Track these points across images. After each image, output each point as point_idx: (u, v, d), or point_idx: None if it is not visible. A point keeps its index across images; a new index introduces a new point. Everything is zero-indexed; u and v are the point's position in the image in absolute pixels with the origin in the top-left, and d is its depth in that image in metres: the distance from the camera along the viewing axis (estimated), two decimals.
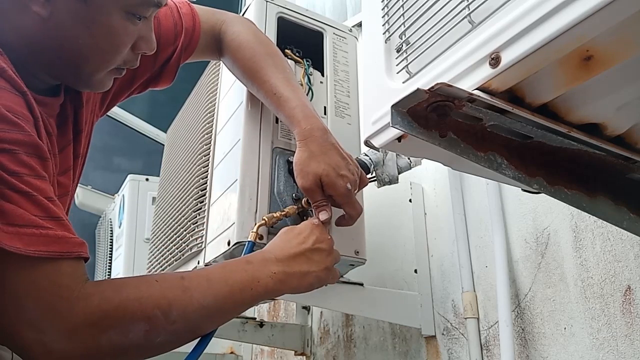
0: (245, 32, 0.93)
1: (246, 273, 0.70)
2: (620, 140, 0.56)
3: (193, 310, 0.64)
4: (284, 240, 0.79)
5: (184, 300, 0.63)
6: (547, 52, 0.44)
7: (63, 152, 0.72)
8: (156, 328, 0.61)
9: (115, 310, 0.59)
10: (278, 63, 0.91)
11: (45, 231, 0.56)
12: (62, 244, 0.58)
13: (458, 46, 0.53)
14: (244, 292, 0.69)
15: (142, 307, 0.60)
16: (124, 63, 0.71)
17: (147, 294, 0.62)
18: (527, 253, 1.01)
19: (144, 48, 0.71)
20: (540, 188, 0.56)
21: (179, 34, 0.88)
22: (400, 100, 0.49)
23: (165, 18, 0.86)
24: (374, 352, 1.35)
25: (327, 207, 0.84)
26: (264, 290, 0.71)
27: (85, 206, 2.78)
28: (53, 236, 0.57)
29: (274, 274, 0.72)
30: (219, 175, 1.04)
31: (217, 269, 0.72)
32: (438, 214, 1.24)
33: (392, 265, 1.28)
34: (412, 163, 0.99)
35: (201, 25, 0.91)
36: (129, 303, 0.60)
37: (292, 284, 0.75)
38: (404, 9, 0.62)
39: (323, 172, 0.81)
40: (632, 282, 0.82)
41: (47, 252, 0.56)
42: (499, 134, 0.54)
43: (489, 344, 1.05)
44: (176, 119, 1.46)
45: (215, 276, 0.68)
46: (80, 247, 0.59)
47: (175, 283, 0.65)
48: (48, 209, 0.57)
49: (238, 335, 1.48)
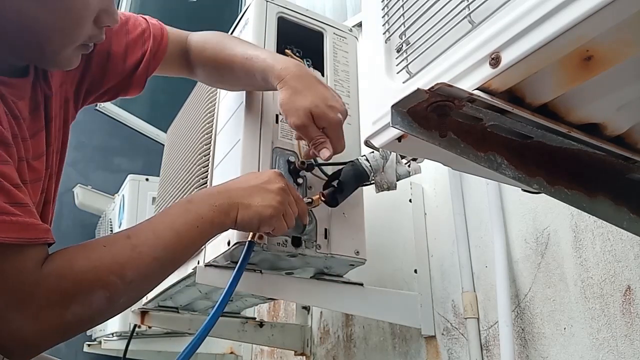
0: (211, 34, 0.96)
1: (189, 213, 0.71)
2: (620, 140, 0.56)
3: (146, 265, 0.65)
4: (238, 178, 0.80)
5: (135, 259, 0.64)
6: (547, 52, 0.44)
7: (35, 138, 0.71)
8: (116, 292, 0.62)
9: (73, 286, 0.60)
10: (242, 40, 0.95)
11: (15, 218, 0.57)
12: (30, 231, 0.58)
13: (458, 46, 0.53)
14: (190, 232, 0.70)
15: (98, 276, 0.61)
16: (89, 39, 0.69)
17: (99, 262, 0.62)
18: (527, 253, 1.01)
19: (107, 21, 0.69)
20: (540, 188, 0.56)
21: (147, 39, 0.88)
22: (400, 100, 0.49)
23: (134, 26, 0.88)
24: (374, 352, 1.35)
25: (326, 142, 0.83)
26: (210, 225, 0.72)
27: (85, 206, 2.78)
28: (22, 223, 0.57)
29: (215, 207, 0.73)
30: (219, 175, 1.04)
31: (160, 217, 0.71)
32: (438, 214, 1.24)
33: (392, 265, 1.28)
34: (411, 171, 0.99)
35: (169, 34, 0.92)
36: (84, 275, 0.61)
37: (233, 215, 0.75)
38: (404, 9, 0.62)
39: (312, 105, 0.80)
40: (632, 282, 0.82)
41: (17, 238, 0.57)
42: (499, 134, 0.54)
43: (489, 344, 1.05)
44: (176, 119, 1.45)
45: (160, 226, 0.69)
46: (47, 233, 0.60)
47: (123, 244, 0.65)
48: (14, 195, 0.58)
49: (238, 335, 1.48)
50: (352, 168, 0.95)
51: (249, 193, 0.77)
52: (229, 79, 0.96)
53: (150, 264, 0.66)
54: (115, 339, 2.17)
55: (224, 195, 0.75)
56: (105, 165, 3.32)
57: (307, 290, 1.02)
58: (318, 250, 0.93)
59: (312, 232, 0.94)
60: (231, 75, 0.93)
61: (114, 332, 2.07)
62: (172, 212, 0.72)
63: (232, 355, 2.10)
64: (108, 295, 0.62)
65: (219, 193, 0.76)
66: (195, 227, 0.71)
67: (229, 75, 0.94)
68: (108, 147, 3.36)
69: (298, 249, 0.92)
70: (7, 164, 0.59)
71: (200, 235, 0.72)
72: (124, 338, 1.99)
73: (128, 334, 1.71)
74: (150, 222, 0.70)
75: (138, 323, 1.41)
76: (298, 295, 1.04)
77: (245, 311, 1.58)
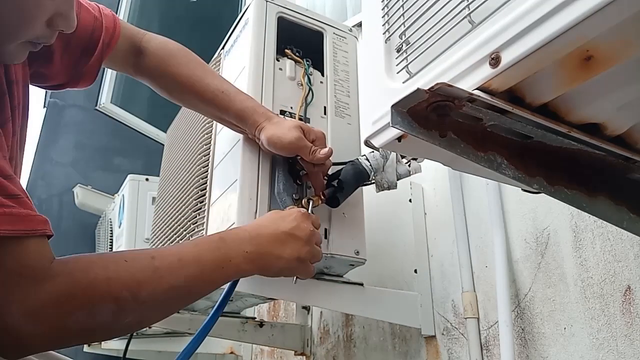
0: (172, 42, 0.95)
1: (219, 252, 0.69)
2: (620, 140, 0.56)
3: (162, 291, 0.63)
4: (265, 219, 0.79)
5: (153, 281, 0.62)
6: (547, 52, 0.44)
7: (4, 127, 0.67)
8: (124, 309, 0.60)
9: (83, 292, 0.57)
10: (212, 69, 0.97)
11: (9, 209, 0.55)
12: (26, 222, 0.56)
13: (458, 46, 0.53)
14: (215, 271, 0.69)
15: (110, 288, 0.59)
16: (37, 38, 0.66)
17: (116, 274, 0.60)
18: (527, 253, 1.01)
19: (62, 26, 0.65)
20: (540, 188, 0.56)
21: (98, 29, 0.85)
22: (400, 100, 0.49)
23: (87, 11, 0.84)
24: (374, 352, 1.35)
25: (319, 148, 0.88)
26: (235, 271, 0.71)
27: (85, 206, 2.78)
28: (17, 214, 0.55)
29: (246, 253, 0.71)
30: (218, 175, 1.04)
31: (190, 247, 0.69)
32: (438, 214, 1.24)
33: (392, 265, 1.28)
34: (411, 171, 0.99)
35: (122, 29, 0.89)
36: (97, 284, 0.58)
37: (262, 265, 0.74)
38: (404, 9, 0.62)
39: (299, 122, 0.90)
40: (632, 282, 0.82)
41: (13, 230, 0.54)
42: (499, 134, 0.54)
43: (489, 344, 1.05)
44: (176, 119, 1.45)
45: (187, 256, 0.67)
46: (45, 224, 0.58)
47: (145, 263, 0.63)
48: (6, 187, 0.56)
49: (238, 335, 1.48)
50: (352, 168, 0.95)
51: (280, 242, 0.75)
52: (187, 100, 0.96)
53: (167, 290, 0.64)
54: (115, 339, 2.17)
55: (256, 242, 0.73)
56: (105, 165, 3.32)
57: (307, 290, 1.02)
58: None
59: None
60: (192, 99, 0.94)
61: None
62: (202, 246, 0.70)
63: (232, 355, 2.10)
64: (115, 310, 0.59)
65: (251, 239, 0.73)
66: (221, 267, 0.69)
67: (190, 99, 0.94)
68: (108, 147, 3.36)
69: None
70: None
71: (222, 277, 0.70)
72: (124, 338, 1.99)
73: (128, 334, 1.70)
74: (179, 250, 0.68)
75: None
76: (298, 295, 1.04)
77: (245, 311, 1.58)
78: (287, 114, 1.01)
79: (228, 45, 1.18)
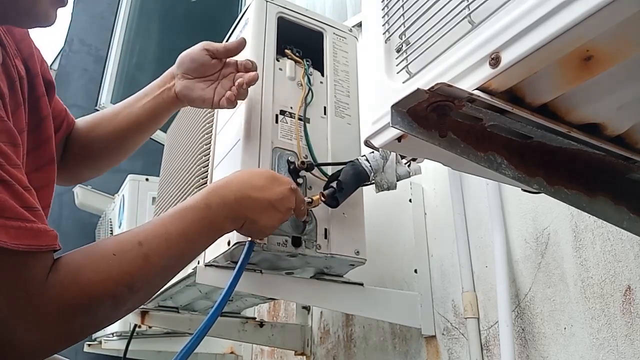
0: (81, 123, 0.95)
1: (206, 221, 0.70)
2: (620, 140, 0.56)
3: (155, 274, 0.64)
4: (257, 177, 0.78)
5: (145, 269, 0.63)
6: (547, 52, 0.44)
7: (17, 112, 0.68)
8: (122, 301, 0.61)
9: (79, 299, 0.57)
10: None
11: (29, 224, 0.55)
12: (42, 238, 0.56)
13: (458, 46, 0.53)
14: (202, 240, 0.71)
15: (106, 289, 0.59)
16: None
17: (107, 274, 0.60)
18: (527, 253, 1.01)
19: None
20: (540, 188, 0.56)
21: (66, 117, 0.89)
22: (400, 100, 0.49)
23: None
24: (374, 352, 1.35)
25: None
26: (219, 233, 0.73)
27: (85, 206, 2.78)
28: (36, 230, 0.55)
29: (228, 218, 0.73)
30: (219, 175, 1.04)
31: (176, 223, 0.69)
32: (438, 214, 1.24)
33: (392, 265, 1.28)
34: (411, 172, 0.99)
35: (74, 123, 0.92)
36: (91, 288, 0.58)
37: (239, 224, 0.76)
38: (404, 9, 0.62)
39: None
40: (632, 282, 0.82)
41: (29, 246, 0.54)
42: (499, 134, 0.54)
43: (489, 344, 1.05)
44: (176, 119, 1.45)
45: (174, 234, 0.67)
46: (55, 239, 0.58)
47: (135, 253, 0.63)
48: (26, 200, 0.56)
49: (238, 335, 1.48)
50: (352, 168, 0.95)
51: (260, 209, 0.76)
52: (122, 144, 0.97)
53: (160, 272, 0.65)
54: (116, 339, 2.17)
55: (239, 206, 0.74)
56: None
57: (307, 290, 1.02)
58: (318, 250, 0.93)
59: (312, 232, 0.94)
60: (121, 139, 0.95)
61: (114, 332, 2.07)
62: (188, 218, 0.69)
63: (232, 355, 2.11)
64: (114, 305, 0.60)
65: (235, 202, 0.74)
66: (207, 234, 0.71)
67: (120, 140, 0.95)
68: None
69: (298, 249, 0.92)
70: (17, 167, 0.57)
71: (209, 241, 0.72)
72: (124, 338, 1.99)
73: (128, 334, 1.71)
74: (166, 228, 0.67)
75: (138, 323, 1.41)
76: (298, 295, 1.04)
77: (245, 311, 1.58)
78: (287, 114, 1.01)
79: None
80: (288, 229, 0.91)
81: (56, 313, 0.56)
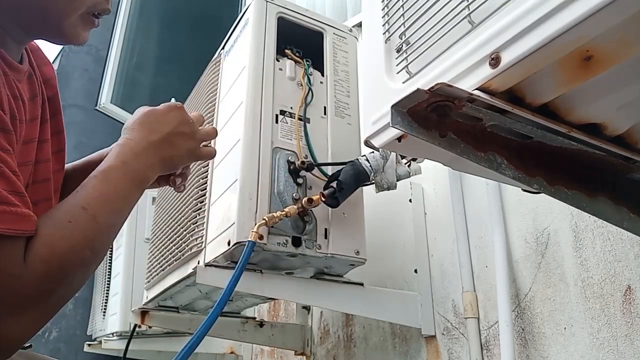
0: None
1: (131, 176, 0.73)
2: (620, 140, 0.56)
3: (106, 233, 0.67)
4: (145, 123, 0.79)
5: (98, 230, 0.65)
6: (547, 52, 0.44)
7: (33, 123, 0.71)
8: (90, 265, 0.64)
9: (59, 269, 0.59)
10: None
11: (14, 209, 0.56)
12: (25, 222, 0.57)
13: (458, 46, 0.53)
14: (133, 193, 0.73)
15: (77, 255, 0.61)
16: (93, 6, 0.69)
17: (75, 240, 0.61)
18: (527, 253, 1.01)
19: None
20: (540, 188, 0.56)
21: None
22: (400, 100, 0.49)
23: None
24: (374, 352, 1.35)
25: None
26: (146, 183, 0.76)
27: None
28: (20, 214, 0.57)
29: (148, 166, 0.75)
30: (219, 175, 1.04)
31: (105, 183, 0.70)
32: (438, 214, 1.24)
33: (392, 265, 1.28)
34: (411, 172, 0.99)
35: None
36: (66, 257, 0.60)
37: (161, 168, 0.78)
38: (404, 9, 0.62)
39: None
40: (632, 282, 0.82)
41: (14, 230, 0.56)
42: (499, 134, 0.54)
43: (489, 343, 1.05)
44: None
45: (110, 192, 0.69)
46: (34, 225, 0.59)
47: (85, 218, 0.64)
48: (14, 184, 0.57)
49: (238, 335, 1.48)
50: (352, 168, 0.95)
51: (168, 146, 0.78)
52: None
53: (109, 231, 0.68)
54: (116, 338, 2.17)
55: (151, 152, 0.76)
56: None
57: (307, 290, 1.02)
58: (318, 250, 0.93)
59: (312, 232, 0.94)
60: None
61: (114, 332, 2.07)
62: (112, 177, 0.71)
63: (232, 355, 2.11)
64: (85, 270, 0.63)
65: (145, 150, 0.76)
66: (137, 187, 0.74)
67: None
68: None
69: (298, 249, 0.92)
70: (7, 152, 0.58)
71: (139, 192, 0.75)
72: (124, 338, 1.99)
73: (128, 334, 1.71)
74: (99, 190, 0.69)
75: (138, 323, 1.41)
76: (298, 295, 1.05)
77: (245, 311, 1.58)
78: (287, 114, 1.01)
79: (228, 46, 1.18)
80: (288, 229, 0.92)
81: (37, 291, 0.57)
